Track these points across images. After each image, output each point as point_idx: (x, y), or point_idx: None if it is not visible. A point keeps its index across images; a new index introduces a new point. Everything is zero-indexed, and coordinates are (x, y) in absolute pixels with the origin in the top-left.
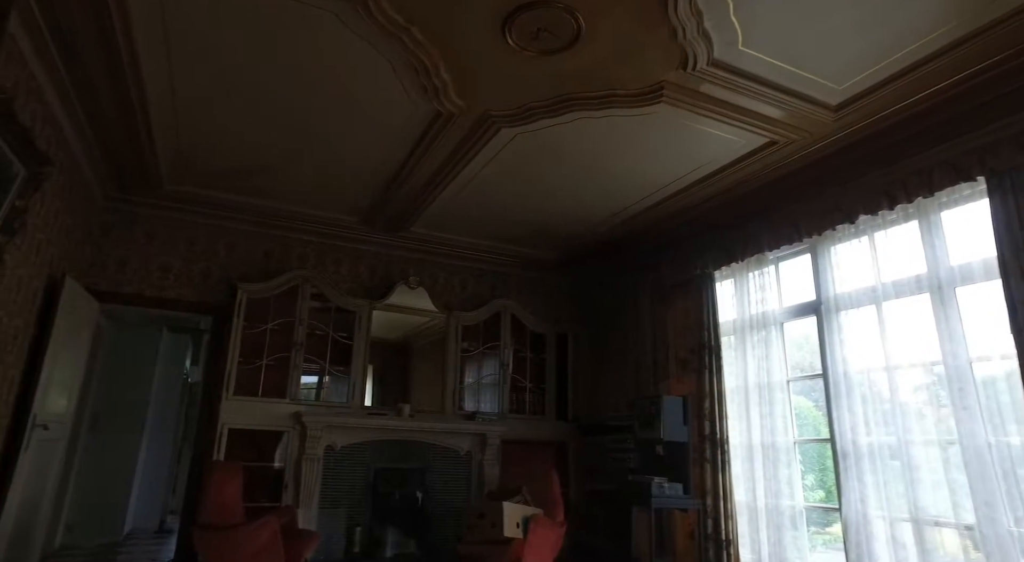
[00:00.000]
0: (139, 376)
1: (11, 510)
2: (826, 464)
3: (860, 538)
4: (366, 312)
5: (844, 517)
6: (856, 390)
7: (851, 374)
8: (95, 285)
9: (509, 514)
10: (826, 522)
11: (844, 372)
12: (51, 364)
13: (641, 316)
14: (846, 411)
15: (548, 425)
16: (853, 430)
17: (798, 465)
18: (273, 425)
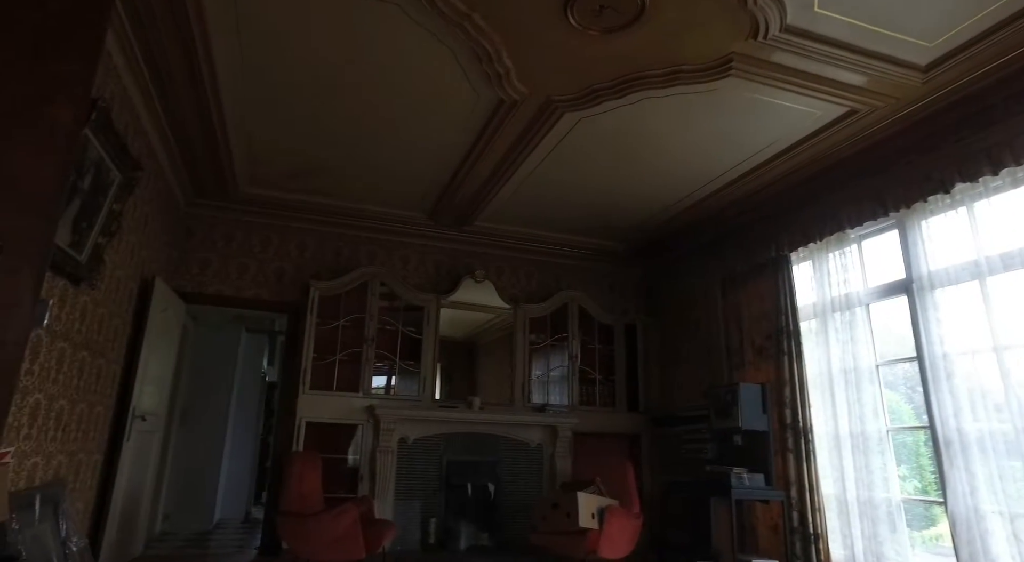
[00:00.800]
0: (222, 374)
1: (119, 496)
2: (920, 454)
3: (972, 535)
4: (434, 306)
5: (951, 512)
6: (958, 373)
7: (951, 356)
8: (181, 287)
9: (584, 504)
10: (927, 517)
11: (943, 354)
12: (146, 361)
13: (712, 303)
14: (947, 395)
15: (619, 417)
16: (957, 416)
17: (892, 455)
18: (348, 418)
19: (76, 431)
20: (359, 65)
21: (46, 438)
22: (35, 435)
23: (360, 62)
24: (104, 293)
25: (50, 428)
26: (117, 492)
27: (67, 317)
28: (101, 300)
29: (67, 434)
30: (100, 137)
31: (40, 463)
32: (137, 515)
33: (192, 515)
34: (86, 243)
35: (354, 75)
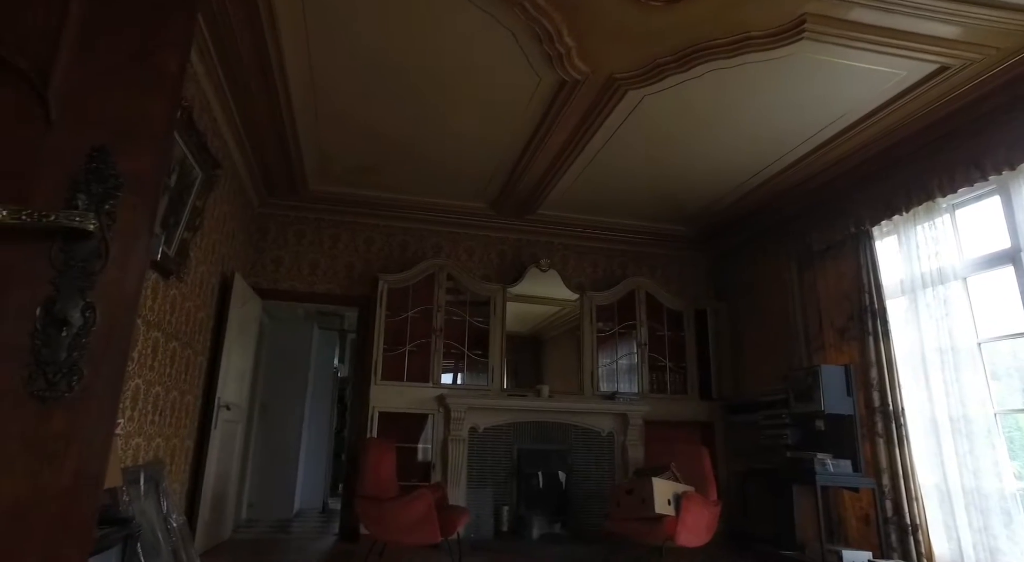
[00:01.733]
0: (296, 370)
1: (209, 480)
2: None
3: None
4: (500, 296)
5: None
6: None
7: None
8: (257, 284)
9: (659, 490)
10: None
11: None
12: (228, 353)
13: (788, 285)
14: None
15: (692, 405)
16: None
17: (1003, 440)
18: (419, 408)
19: (171, 417)
20: (420, 55)
21: (146, 421)
22: (136, 417)
23: (421, 51)
24: (190, 287)
25: (148, 412)
26: (208, 477)
27: (159, 308)
28: (188, 294)
29: (163, 419)
30: (184, 136)
31: (142, 444)
32: (226, 500)
33: (274, 504)
34: (174, 238)
35: (416, 68)
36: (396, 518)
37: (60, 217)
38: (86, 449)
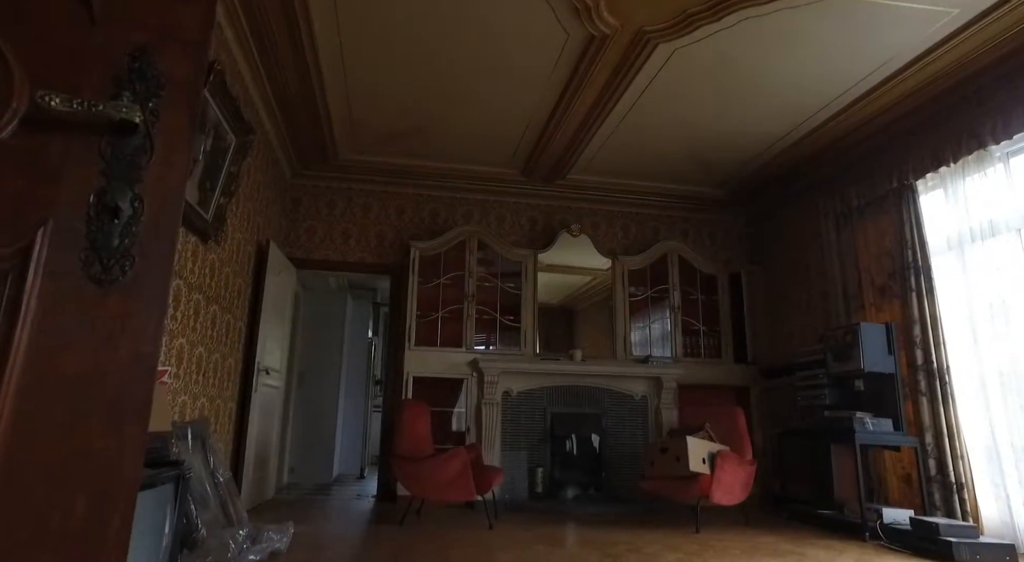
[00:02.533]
0: (332, 341)
1: (252, 441)
2: None
3: None
4: (531, 262)
5: None
6: None
7: None
8: (291, 254)
9: (694, 448)
10: None
11: None
12: (266, 319)
13: (825, 245)
14: None
15: (726, 369)
16: None
17: None
18: (452, 373)
19: (214, 378)
20: (448, 18)
21: (191, 381)
22: (182, 375)
23: (449, 16)
24: (228, 253)
25: (192, 371)
26: (250, 438)
27: (199, 271)
28: (226, 259)
29: (207, 380)
30: (217, 100)
31: (188, 402)
32: (267, 462)
33: (314, 469)
34: (210, 203)
35: (444, 30)
36: (433, 476)
37: (108, 107)
38: (140, 331)
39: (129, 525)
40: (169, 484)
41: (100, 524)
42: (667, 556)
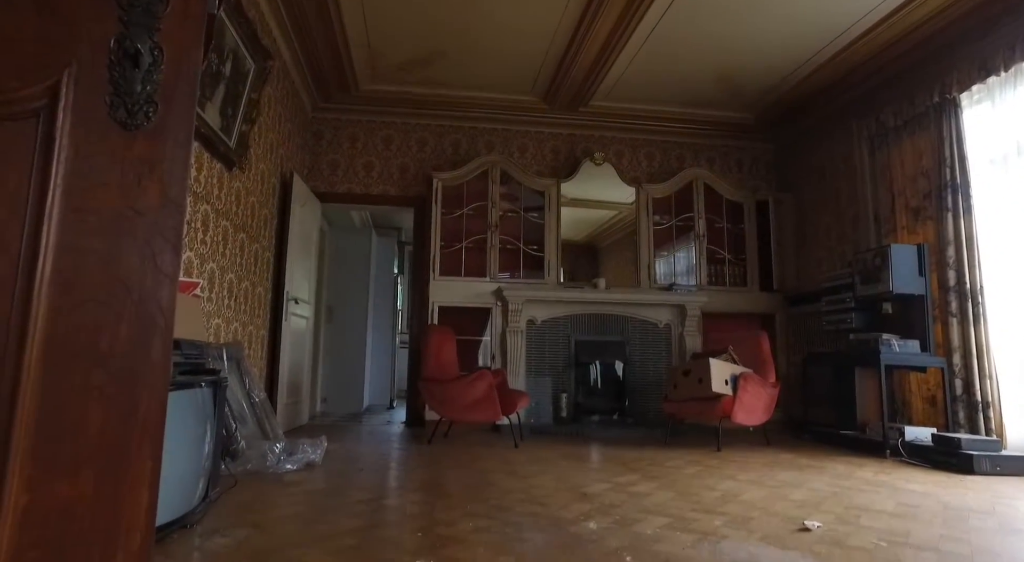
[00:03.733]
0: (358, 276)
1: (284, 367)
2: None
3: None
4: (554, 191)
5: None
6: None
7: None
8: (316, 187)
9: (717, 370)
10: None
11: None
12: (292, 250)
13: (858, 169)
14: None
15: (751, 297)
16: None
17: None
18: (477, 302)
19: (245, 304)
20: None
21: (223, 305)
22: (215, 299)
23: None
24: (252, 182)
25: (224, 296)
26: (282, 364)
27: (225, 198)
28: (251, 189)
29: (238, 305)
30: (234, 23)
31: (222, 325)
32: (300, 389)
33: (345, 399)
34: (233, 129)
35: None
36: (459, 397)
37: None
38: (167, 174)
39: (168, 347)
40: (208, 389)
41: (144, 346)
42: (687, 469)
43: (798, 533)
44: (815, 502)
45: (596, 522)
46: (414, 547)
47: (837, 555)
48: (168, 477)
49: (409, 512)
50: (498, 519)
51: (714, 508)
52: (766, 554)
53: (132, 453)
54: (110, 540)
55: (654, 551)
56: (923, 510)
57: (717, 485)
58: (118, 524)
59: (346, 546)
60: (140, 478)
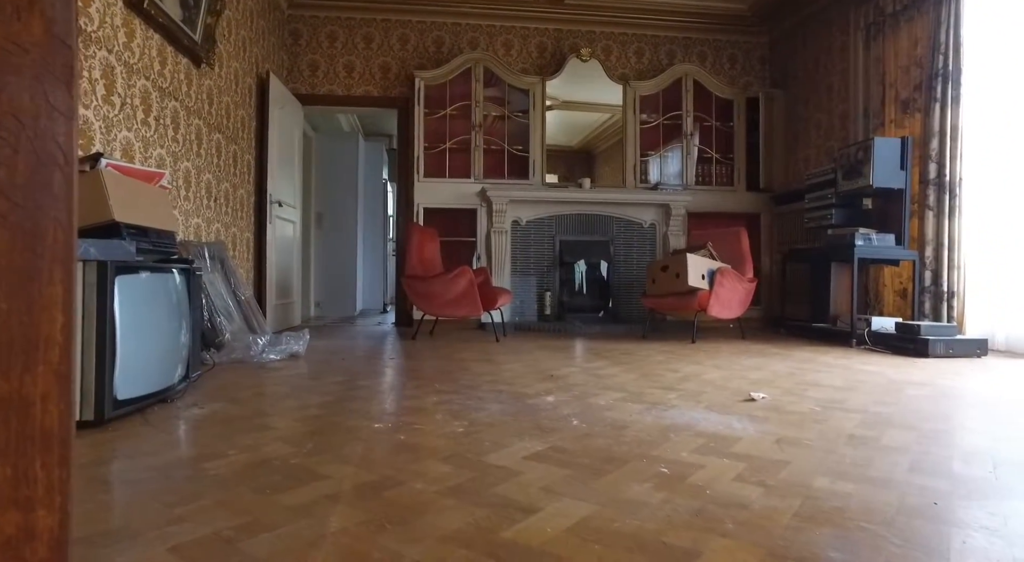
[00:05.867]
0: (346, 182)
1: (272, 269)
2: None
3: None
4: (539, 89)
5: None
6: None
7: None
8: (296, 90)
9: (694, 265)
10: None
11: None
12: (273, 153)
13: (852, 61)
14: None
15: (738, 196)
16: None
17: None
18: (462, 203)
19: (226, 206)
20: None
21: (202, 205)
22: (192, 198)
23: None
24: (225, 81)
25: (202, 196)
26: (269, 265)
27: (196, 96)
28: (224, 88)
29: (218, 206)
30: None
31: (202, 225)
32: (290, 291)
33: (339, 303)
34: (197, 21)
35: None
36: (440, 293)
37: None
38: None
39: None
40: (181, 276)
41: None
42: (657, 357)
43: (743, 403)
44: (769, 380)
45: (555, 396)
46: (376, 415)
47: (772, 417)
48: (143, 352)
49: (379, 390)
50: (463, 394)
51: (671, 386)
52: (705, 418)
53: (43, 277)
54: (30, 350)
55: (601, 417)
56: (867, 384)
57: (681, 369)
58: (36, 338)
59: (311, 415)
60: (53, 300)
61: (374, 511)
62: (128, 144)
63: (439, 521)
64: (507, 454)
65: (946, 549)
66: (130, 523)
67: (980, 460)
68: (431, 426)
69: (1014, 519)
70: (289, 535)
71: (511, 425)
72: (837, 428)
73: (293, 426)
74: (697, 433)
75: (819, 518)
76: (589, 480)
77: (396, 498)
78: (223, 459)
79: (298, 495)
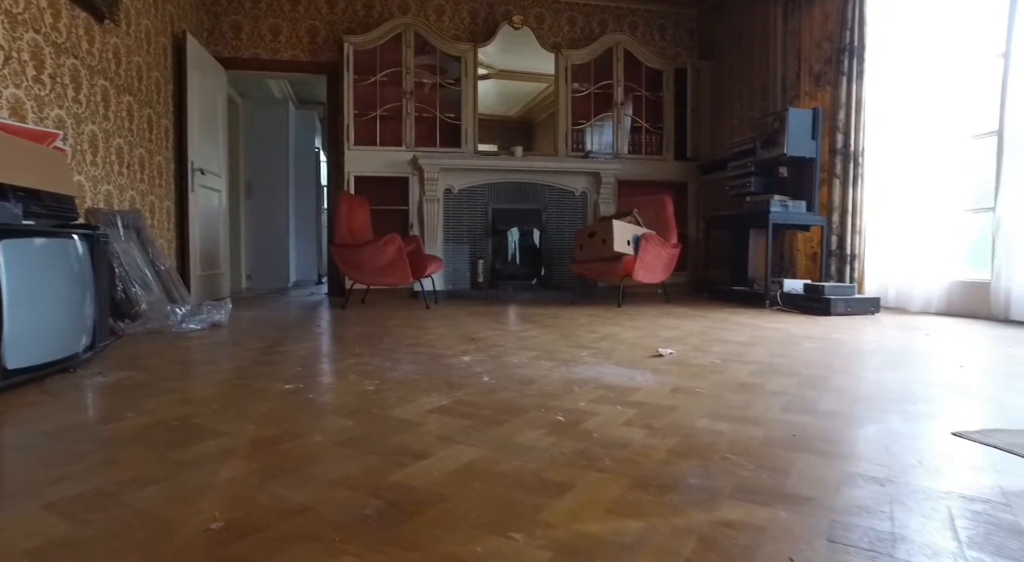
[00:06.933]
0: (277, 151)
1: (195, 239)
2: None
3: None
4: (471, 56)
5: (998, 214)
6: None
7: None
8: (218, 53)
9: (619, 231)
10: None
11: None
12: (194, 119)
13: (772, 34)
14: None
15: (666, 165)
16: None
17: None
18: (394, 172)
19: (141, 174)
20: None
21: (113, 171)
22: (100, 163)
23: None
24: (134, 40)
25: (113, 162)
26: (193, 236)
27: (100, 54)
28: (134, 47)
29: (132, 173)
30: None
31: (114, 192)
32: (217, 262)
33: (271, 275)
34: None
35: None
36: (369, 261)
37: None
38: None
39: None
40: (82, 242)
41: None
42: (581, 320)
43: (650, 359)
44: (680, 338)
45: (472, 356)
46: (289, 377)
47: (674, 370)
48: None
49: (297, 355)
50: (380, 357)
51: (587, 345)
52: (611, 372)
53: None
54: None
55: (512, 374)
56: (769, 340)
57: (601, 330)
58: None
59: (222, 379)
60: None
61: (267, 462)
62: (18, 102)
63: (330, 468)
64: (412, 409)
65: (789, 469)
66: (4, 485)
67: (843, 399)
68: (343, 386)
69: (854, 443)
70: (176, 486)
71: (422, 383)
72: (731, 378)
73: (201, 389)
74: (600, 386)
75: (690, 453)
76: (485, 429)
77: (292, 450)
78: (119, 422)
79: (192, 451)
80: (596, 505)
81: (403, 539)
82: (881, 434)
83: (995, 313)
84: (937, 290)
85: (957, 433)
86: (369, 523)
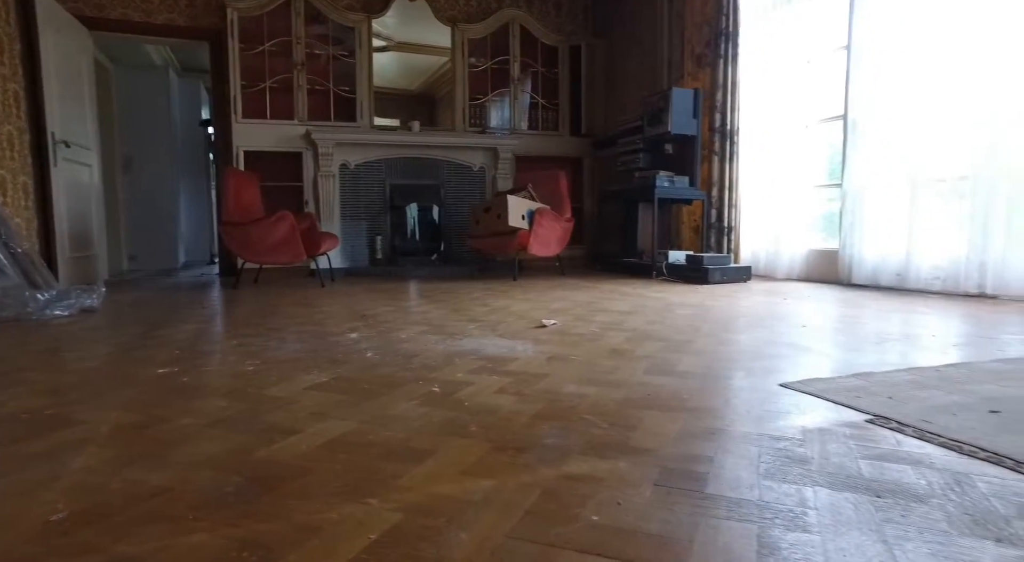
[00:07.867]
0: (159, 121)
1: (61, 220)
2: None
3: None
4: (365, 27)
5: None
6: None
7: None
8: (79, 10)
9: (514, 206)
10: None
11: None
12: (51, 85)
13: (659, 15)
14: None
15: (562, 141)
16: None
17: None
18: (286, 146)
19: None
20: None
21: None
22: None
23: None
24: None
25: None
26: (59, 215)
27: None
28: None
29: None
30: None
31: None
32: (91, 243)
33: (158, 256)
34: None
35: None
36: (260, 239)
37: None
38: None
39: None
40: None
41: None
42: (474, 294)
43: (534, 330)
44: (567, 309)
45: (360, 333)
46: (164, 361)
47: (554, 340)
48: None
49: (175, 338)
50: (265, 336)
51: (476, 319)
52: (493, 343)
53: None
54: None
55: (397, 348)
56: (648, 308)
57: (492, 304)
58: None
59: (87, 367)
60: None
61: (128, 448)
62: None
63: (196, 449)
64: (289, 387)
65: (638, 426)
66: None
67: (701, 360)
68: (221, 367)
69: (700, 399)
70: (22, 480)
71: (304, 361)
72: (605, 345)
73: (60, 378)
74: (480, 357)
75: (552, 416)
76: (361, 403)
77: (157, 435)
78: None
79: (43, 443)
80: (453, 468)
81: (259, 512)
82: (724, 390)
83: (841, 278)
84: (798, 258)
85: (783, 384)
86: (227, 500)
